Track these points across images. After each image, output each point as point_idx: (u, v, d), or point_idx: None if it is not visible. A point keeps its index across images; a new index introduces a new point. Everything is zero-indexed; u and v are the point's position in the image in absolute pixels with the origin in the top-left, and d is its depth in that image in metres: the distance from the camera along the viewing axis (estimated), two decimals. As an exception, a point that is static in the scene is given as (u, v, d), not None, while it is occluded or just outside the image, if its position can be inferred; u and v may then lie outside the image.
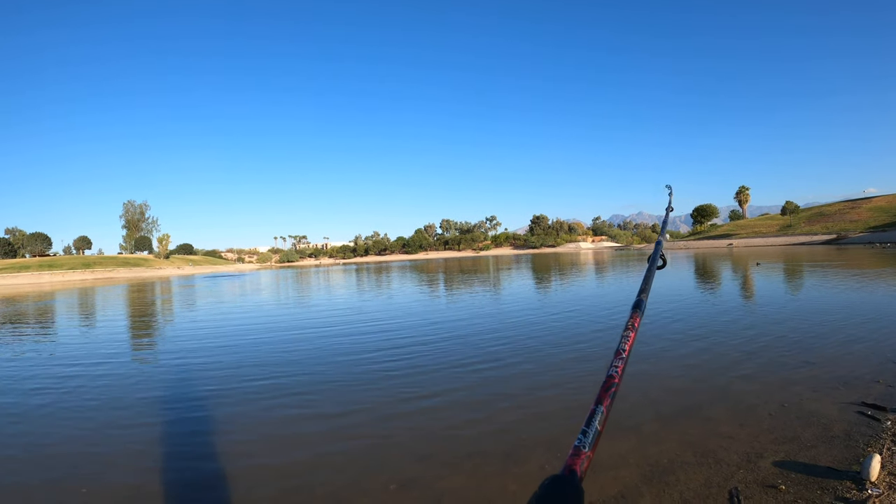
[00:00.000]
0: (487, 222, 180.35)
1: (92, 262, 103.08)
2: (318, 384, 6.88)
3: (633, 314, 1.07)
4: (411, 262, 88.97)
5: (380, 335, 10.49)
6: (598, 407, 0.75)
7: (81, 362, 9.37)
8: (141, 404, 6.44)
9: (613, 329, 10.18)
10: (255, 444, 4.90)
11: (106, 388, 7.29)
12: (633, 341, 0.96)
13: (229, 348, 9.87)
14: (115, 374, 8.23)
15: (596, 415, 0.73)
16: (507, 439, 4.68)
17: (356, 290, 24.31)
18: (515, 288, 20.43)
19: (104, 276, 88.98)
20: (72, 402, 6.68)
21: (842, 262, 27.07)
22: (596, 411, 0.73)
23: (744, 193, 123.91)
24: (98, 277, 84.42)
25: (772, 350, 7.64)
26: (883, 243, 52.34)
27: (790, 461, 3.95)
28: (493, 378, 6.82)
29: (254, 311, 16.71)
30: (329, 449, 4.70)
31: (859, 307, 11.19)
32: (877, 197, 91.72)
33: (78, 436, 5.35)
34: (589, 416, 0.73)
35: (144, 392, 7.04)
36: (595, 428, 0.71)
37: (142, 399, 6.69)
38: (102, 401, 6.65)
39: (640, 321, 1.05)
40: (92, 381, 7.77)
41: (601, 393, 0.79)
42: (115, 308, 21.94)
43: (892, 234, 59.65)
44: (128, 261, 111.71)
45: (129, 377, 8.02)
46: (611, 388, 0.79)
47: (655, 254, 1.36)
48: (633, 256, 56.17)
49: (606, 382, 0.81)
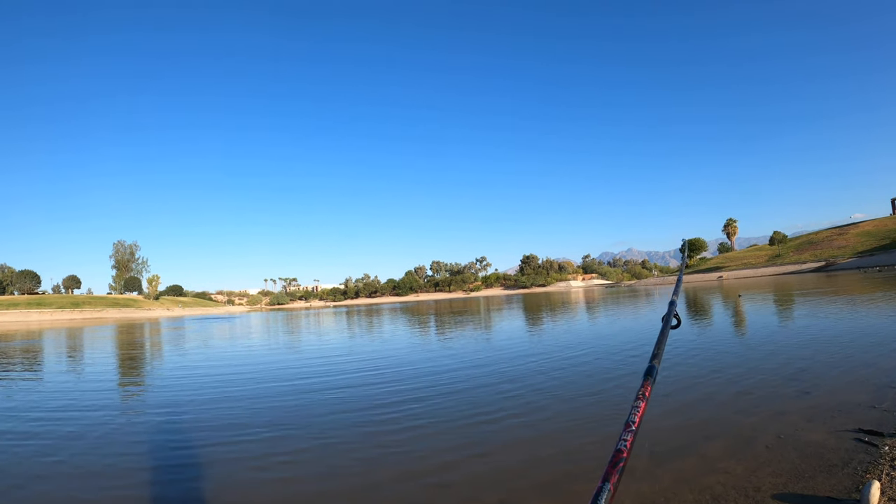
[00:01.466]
0: (478, 263, 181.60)
1: (81, 302, 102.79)
2: (310, 440, 6.53)
3: (645, 382, 1.02)
4: (402, 304, 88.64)
5: (375, 386, 9.64)
6: (604, 484, 0.70)
7: (52, 415, 8.58)
8: (122, 465, 6.15)
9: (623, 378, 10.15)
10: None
11: (77, 453, 6.44)
12: (644, 412, 0.91)
13: (219, 401, 9.03)
14: (89, 433, 7.13)
15: (602, 493, 0.69)
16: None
17: (347, 334, 24.01)
18: (510, 331, 20.17)
19: (93, 315, 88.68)
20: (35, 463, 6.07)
21: (831, 290, 27.23)
22: (602, 489, 0.69)
23: (731, 226, 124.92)
24: (87, 317, 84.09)
25: (765, 381, 7.60)
26: (870, 268, 52.65)
27: (789, 493, 3.88)
28: (505, 439, 6.11)
29: (244, 358, 16.04)
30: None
31: (851, 334, 11.23)
32: (864, 222, 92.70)
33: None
34: (595, 494, 0.69)
35: (125, 451, 6.72)
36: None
37: (123, 458, 6.41)
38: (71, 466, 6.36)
39: (651, 390, 1.00)
40: (61, 440, 6.85)
41: (609, 469, 0.74)
42: (102, 352, 21.56)
43: (881, 259, 60.23)
44: (117, 301, 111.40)
45: (107, 437, 7.66)
46: (619, 464, 0.75)
47: (669, 313, 1.31)
48: (624, 293, 56.30)
49: (615, 458, 0.77)
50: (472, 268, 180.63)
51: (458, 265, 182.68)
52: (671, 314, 1.32)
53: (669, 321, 1.29)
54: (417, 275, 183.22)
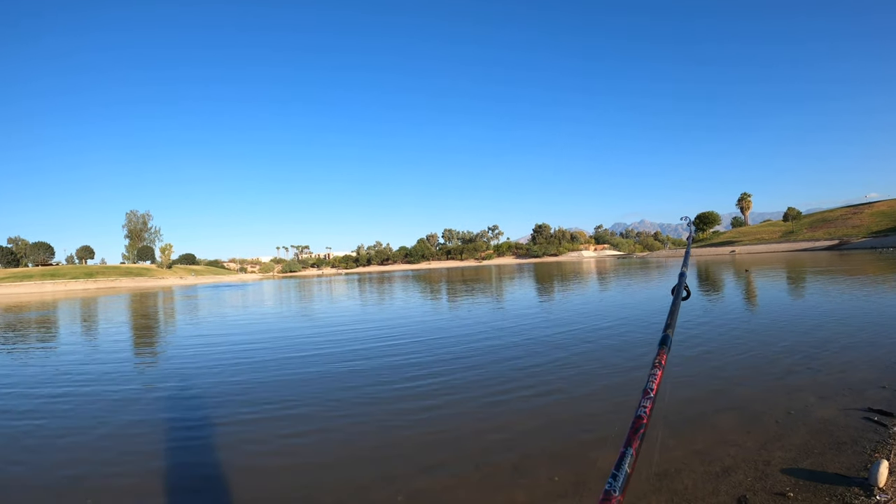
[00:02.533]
0: (490, 231, 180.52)
1: (94, 272, 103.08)
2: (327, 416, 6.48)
3: (660, 351, 1.05)
4: (413, 272, 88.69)
5: (391, 357, 9.69)
6: (627, 449, 0.75)
7: (76, 380, 8.98)
8: (143, 425, 6.34)
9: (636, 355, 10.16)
10: (262, 455, 4.88)
11: (97, 414, 6.81)
12: (661, 379, 0.94)
13: (233, 367, 9.25)
14: (107, 398, 7.54)
15: (626, 458, 0.74)
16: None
17: (359, 302, 24.12)
18: (524, 300, 20.14)
19: (107, 285, 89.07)
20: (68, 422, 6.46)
21: (844, 268, 27.02)
22: (625, 454, 0.74)
23: (746, 200, 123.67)
24: (101, 287, 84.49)
25: (775, 357, 7.62)
26: (885, 248, 52.21)
27: (798, 468, 3.94)
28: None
29: (257, 326, 16.26)
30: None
31: (862, 313, 11.17)
32: (879, 202, 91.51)
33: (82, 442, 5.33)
34: (619, 459, 0.74)
35: (144, 414, 6.93)
36: (625, 471, 0.72)
37: (143, 419, 6.61)
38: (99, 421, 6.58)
39: (666, 358, 1.03)
40: (83, 404, 7.18)
41: (630, 435, 0.79)
42: (116, 320, 21.73)
43: (895, 239, 59.52)
44: (130, 270, 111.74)
45: (126, 401, 7.86)
46: (640, 430, 0.80)
47: (679, 285, 1.33)
48: (636, 265, 56.07)
49: (635, 423, 0.82)
50: (483, 236, 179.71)
51: (470, 233, 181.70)
52: (681, 286, 1.36)
53: (680, 293, 1.33)
54: (429, 243, 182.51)
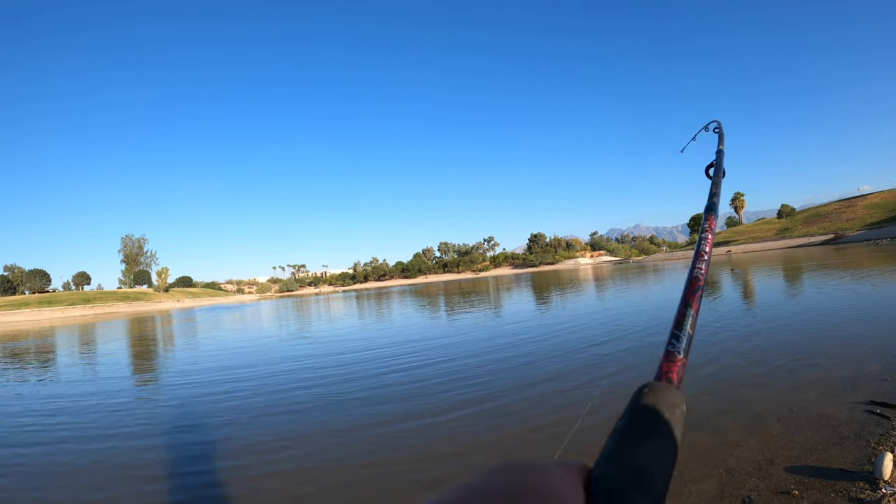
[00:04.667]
0: (485, 243, 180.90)
1: (91, 298, 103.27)
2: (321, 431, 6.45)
3: (709, 216, 1.05)
4: (411, 287, 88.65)
5: (391, 374, 9.41)
6: (687, 310, 0.70)
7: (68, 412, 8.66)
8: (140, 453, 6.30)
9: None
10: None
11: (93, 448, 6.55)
12: (712, 242, 0.94)
13: (230, 394, 8.81)
14: (105, 432, 7.03)
15: (686, 318, 0.68)
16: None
17: (358, 319, 24.06)
18: (524, 313, 19.99)
19: (104, 311, 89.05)
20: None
21: (840, 263, 27.10)
22: (686, 314, 0.69)
23: (739, 199, 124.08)
24: (98, 313, 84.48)
25: (775, 354, 7.60)
26: (880, 240, 52.39)
27: (802, 465, 3.91)
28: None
29: (256, 349, 15.86)
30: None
31: (860, 307, 11.19)
32: (872, 194, 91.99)
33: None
34: (678, 319, 0.69)
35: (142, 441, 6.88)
36: (687, 331, 0.67)
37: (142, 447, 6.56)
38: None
39: (715, 223, 1.04)
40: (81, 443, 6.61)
41: (688, 295, 0.74)
42: (113, 349, 21.50)
43: (889, 230, 59.81)
44: (127, 295, 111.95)
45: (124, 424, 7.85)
46: (697, 291, 0.75)
47: (719, 162, 1.33)
48: (633, 270, 56.08)
49: (692, 284, 0.77)
50: (479, 248, 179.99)
51: (465, 245, 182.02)
52: (721, 164, 1.35)
53: (720, 170, 1.32)
54: (425, 256, 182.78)
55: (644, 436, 0.48)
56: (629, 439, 0.47)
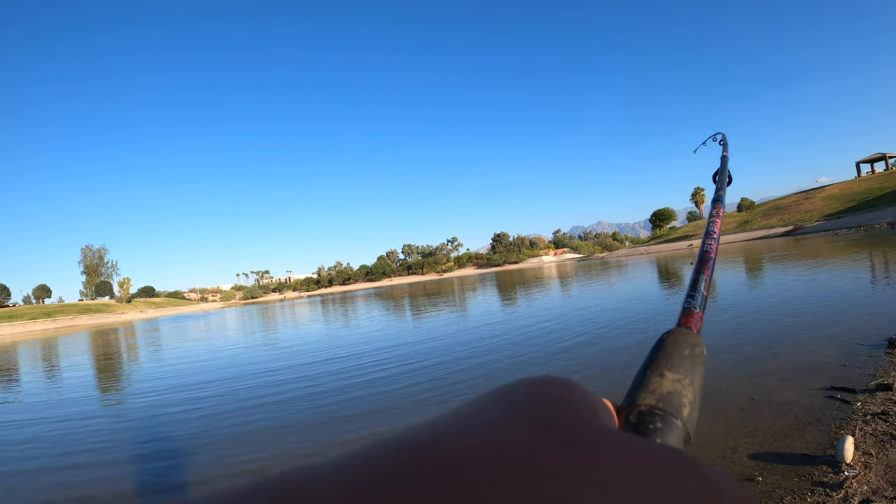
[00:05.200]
0: (449, 244, 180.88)
1: (53, 311, 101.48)
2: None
3: (716, 205, 1.15)
4: (376, 290, 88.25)
5: (361, 383, 9.24)
6: (699, 275, 0.79)
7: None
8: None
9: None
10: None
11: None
12: (720, 225, 1.02)
13: (194, 411, 8.47)
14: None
15: (700, 281, 0.77)
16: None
17: (324, 325, 23.75)
18: (493, 313, 19.83)
19: (66, 324, 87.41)
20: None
21: (799, 253, 27.59)
22: (699, 279, 0.78)
23: (699, 195, 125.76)
24: (60, 326, 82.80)
25: (736, 344, 7.68)
26: (838, 230, 53.52)
27: (765, 452, 3.95)
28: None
29: (220, 360, 15.15)
30: None
31: (819, 294, 11.39)
32: (829, 185, 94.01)
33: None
34: (693, 282, 0.77)
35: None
36: (701, 292, 0.75)
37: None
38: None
39: (722, 210, 1.13)
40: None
41: (700, 265, 0.83)
42: (73, 364, 21.13)
43: (847, 221, 61.16)
44: (89, 307, 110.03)
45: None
46: (708, 261, 0.84)
47: (724, 165, 1.42)
48: (596, 266, 56.48)
49: (703, 256, 0.87)
50: (443, 249, 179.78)
51: (429, 247, 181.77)
52: (726, 167, 1.45)
53: (725, 171, 1.42)
54: (389, 259, 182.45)
55: (668, 368, 0.51)
56: (655, 372, 0.51)
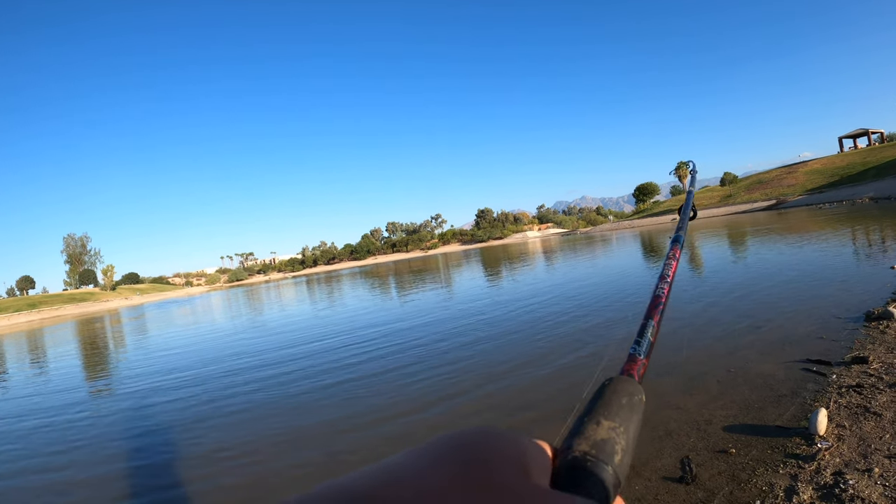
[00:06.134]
0: (433, 221, 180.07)
1: (37, 302, 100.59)
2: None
3: (674, 247, 1.14)
4: (361, 269, 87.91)
5: (351, 366, 9.01)
6: (648, 321, 0.79)
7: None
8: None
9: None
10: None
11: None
12: (676, 268, 1.02)
13: (183, 401, 8.27)
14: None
15: (647, 327, 0.77)
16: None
17: (310, 306, 23.57)
18: (479, 290, 19.59)
19: (51, 314, 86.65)
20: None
21: (781, 227, 27.72)
22: (647, 324, 0.78)
23: (682, 169, 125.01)
24: (45, 317, 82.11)
25: (715, 317, 7.77)
26: (822, 204, 53.85)
27: (739, 424, 3.99)
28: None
29: (206, 345, 14.97)
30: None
31: (798, 268, 11.45)
32: (812, 160, 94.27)
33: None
34: (641, 328, 0.76)
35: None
36: (648, 339, 0.75)
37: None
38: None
39: (680, 252, 1.12)
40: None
41: (650, 310, 0.83)
42: (57, 356, 20.93)
43: (829, 195, 61.45)
44: (74, 296, 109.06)
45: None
46: (659, 306, 0.84)
47: (688, 203, 1.43)
48: (580, 240, 56.54)
49: (654, 301, 0.86)
50: (427, 226, 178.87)
51: (413, 224, 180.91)
52: (689, 204, 1.45)
53: (687, 213, 1.42)
54: (374, 237, 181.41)
55: (605, 416, 0.52)
56: (592, 419, 0.52)
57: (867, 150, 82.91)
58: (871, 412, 3.81)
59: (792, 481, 3.18)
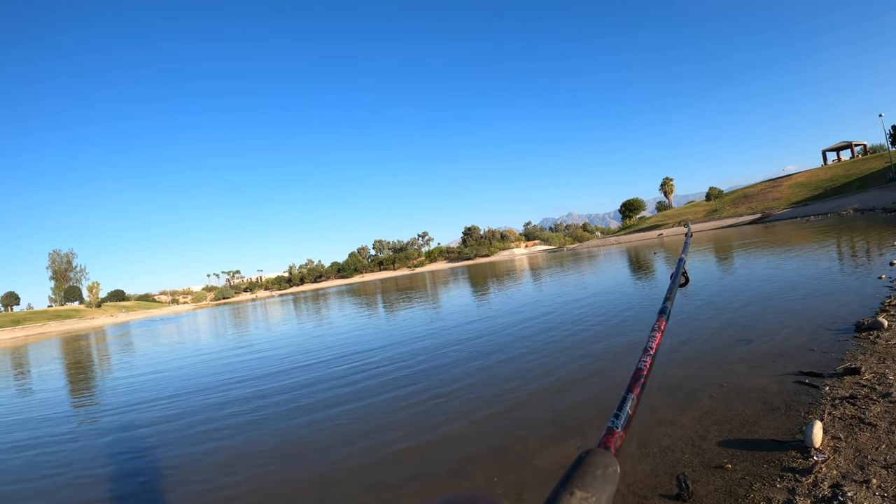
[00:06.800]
0: (420, 239, 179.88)
1: (22, 319, 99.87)
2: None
3: (660, 318, 1.18)
4: (348, 287, 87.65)
5: (344, 387, 8.89)
6: (628, 394, 0.83)
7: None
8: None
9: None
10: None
11: None
12: (660, 341, 1.05)
13: (170, 425, 8.05)
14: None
15: (627, 401, 0.81)
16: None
17: (297, 325, 23.33)
18: (468, 309, 19.56)
19: (36, 332, 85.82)
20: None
21: (767, 240, 27.88)
22: (627, 398, 0.81)
23: (668, 184, 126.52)
24: (29, 334, 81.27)
25: (706, 332, 7.76)
26: (808, 217, 54.22)
27: (734, 439, 3.96)
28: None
29: (191, 368, 14.27)
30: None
31: (786, 280, 11.49)
32: (797, 173, 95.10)
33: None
34: (621, 401, 0.81)
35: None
36: (626, 412, 0.78)
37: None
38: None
39: (665, 324, 1.16)
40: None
41: (631, 383, 0.87)
42: (37, 377, 20.71)
43: (814, 208, 61.89)
44: (59, 313, 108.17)
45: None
46: (640, 379, 0.88)
47: (678, 272, 1.41)
48: (567, 257, 56.63)
49: (636, 374, 0.90)
50: (414, 244, 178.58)
51: (400, 242, 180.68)
52: (679, 271, 1.44)
53: (678, 279, 1.41)
54: (361, 255, 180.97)
55: (579, 487, 0.56)
56: (566, 489, 0.56)
57: (850, 163, 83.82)
58: (866, 423, 3.79)
59: (789, 495, 3.15)
